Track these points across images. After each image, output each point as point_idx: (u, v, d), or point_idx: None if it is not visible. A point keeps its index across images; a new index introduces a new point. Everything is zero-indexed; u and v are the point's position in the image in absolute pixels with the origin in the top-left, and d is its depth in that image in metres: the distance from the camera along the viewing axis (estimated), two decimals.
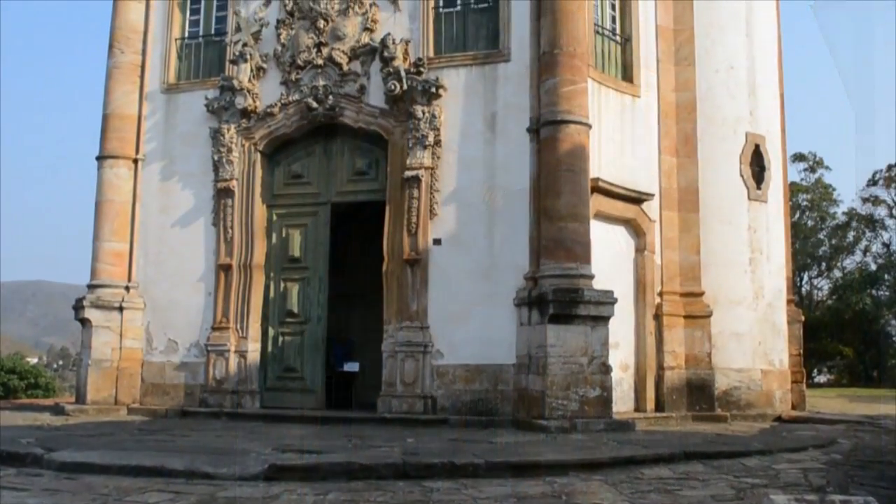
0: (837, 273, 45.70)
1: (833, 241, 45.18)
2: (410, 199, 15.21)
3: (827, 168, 46.02)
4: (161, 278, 16.92)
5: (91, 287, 16.88)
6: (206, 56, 17.56)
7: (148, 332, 16.87)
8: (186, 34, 17.78)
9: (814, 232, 45.21)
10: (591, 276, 14.10)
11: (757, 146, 17.51)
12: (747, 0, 17.92)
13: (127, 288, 16.92)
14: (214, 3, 17.65)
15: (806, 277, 46.46)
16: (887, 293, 40.88)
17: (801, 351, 18.95)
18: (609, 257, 15.42)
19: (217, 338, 16.17)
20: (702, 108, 17.07)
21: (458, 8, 15.97)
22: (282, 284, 16.52)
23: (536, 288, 14.11)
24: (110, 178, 17.14)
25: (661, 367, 16.09)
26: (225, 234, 16.39)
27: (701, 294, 16.53)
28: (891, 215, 44.29)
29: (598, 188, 15.01)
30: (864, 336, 39.80)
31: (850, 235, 45.05)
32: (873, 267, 43.06)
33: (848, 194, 75.17)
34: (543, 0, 14.90)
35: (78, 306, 16.78)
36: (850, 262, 45.79)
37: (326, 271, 16.35)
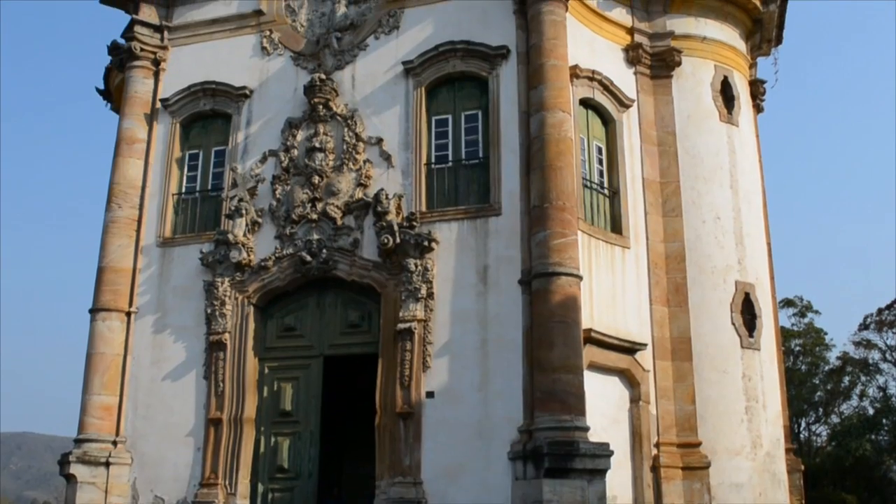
0: (835, 418, 45.18)
1: (828, 387, 44.82)
2: (403, 352, 15.18)
3: (816, 312, 46.18)
4: (150, 432, 16.66)
5: (78, 441, 16.58)
6: (202, 210, 17.86)
7: (134, 489, 16.47)
8: (183, 189, 18.14)
9: (808, 377, 44.90)
10: (587, 429, 13.95)
11: (747, 294, 17.67)
12: (730, 153, 18.46)
13: (114, 443, 16.62)
14: (212, 160, 18.10)
15: (803, 424, 45.90)
16: (887, 438, 40.32)
17: (803, 501, 18.61)
18: (604, 408, 15.29)
19: (205, 495, 15.76)
20: (691, 257, 17.33)
21: (450, 164, 16.40)
22: (272, 439, 16.26)
23: (531, 441, 13.91)
24: (102, 331, 17.12)
25: None
26: (216, 387, 16.24)
27: (698, 444, 16.31)
28: (885, 359, 44.19)
29: (591, 339, 15.05)
30: (867, 483, 39.01)
31: (846, 380, 44.77)
32: (871, 411, 42.63)
33: (839, 337, 74.95)
34: (532, 156, 15.35)
35: (63, 461, 16.42)
36: (847, 407, 45.31)
37: (318, 426, 16.12)
